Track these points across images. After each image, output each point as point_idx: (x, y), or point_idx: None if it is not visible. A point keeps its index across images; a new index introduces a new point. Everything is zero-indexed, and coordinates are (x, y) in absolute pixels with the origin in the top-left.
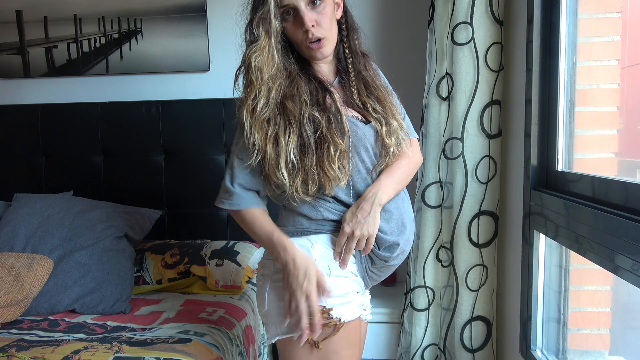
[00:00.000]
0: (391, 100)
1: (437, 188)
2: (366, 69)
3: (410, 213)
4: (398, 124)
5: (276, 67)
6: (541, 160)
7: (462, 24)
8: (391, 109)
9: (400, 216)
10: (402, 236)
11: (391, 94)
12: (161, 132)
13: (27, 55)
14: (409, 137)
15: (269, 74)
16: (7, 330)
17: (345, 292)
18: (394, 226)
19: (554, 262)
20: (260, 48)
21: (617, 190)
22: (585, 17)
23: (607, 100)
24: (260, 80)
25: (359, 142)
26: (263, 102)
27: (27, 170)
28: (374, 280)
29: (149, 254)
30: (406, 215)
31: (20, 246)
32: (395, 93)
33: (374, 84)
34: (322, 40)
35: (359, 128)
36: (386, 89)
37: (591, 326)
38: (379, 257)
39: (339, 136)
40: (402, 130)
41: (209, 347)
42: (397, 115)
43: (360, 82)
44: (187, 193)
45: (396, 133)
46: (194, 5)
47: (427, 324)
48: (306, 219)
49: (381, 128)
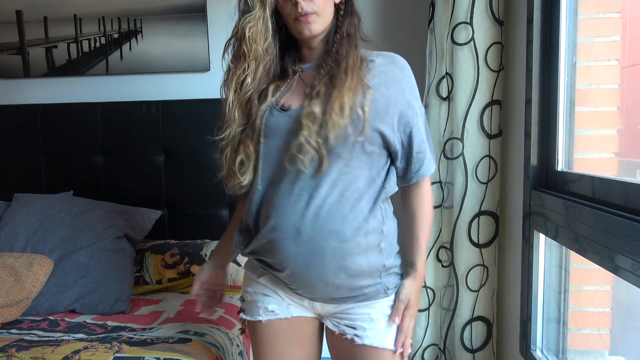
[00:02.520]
0: (350, 86)
1: (437, 188)
2: (347, 53)
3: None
4: (337, 111)
5: (269, 43)
6: (541, 160)
7: (462, 24)
8: (340, 94)
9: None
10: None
11: (363, 85)
12: (161, 132)
13: (27, 55)
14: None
15: (263, 46)
16: (7, 330)
17: (251, 294)
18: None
19: (554, 262)
20: (255, 18)
21: (617, 190)
22: (585, 17)
23: (607, 100)
24: (253, 52)
25: (270, 131)
26: (251, 77)
27: (27, 170)
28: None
29: (149, 254)
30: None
31: (20, 246)
32: (416, 109)
33: (343, 67)
34: (311, 15)
35: (273, 117)
36: (353, 75)
37: (591, 326)
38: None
39: (250, 137)
40: (338, 121)
41: (208, 347)
42: (345, 103)
43: (332, 66)
44: (187, 193)
45: (322, 119)
46: (194, 5)
47: (427, 324)
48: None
49: (303, 110)
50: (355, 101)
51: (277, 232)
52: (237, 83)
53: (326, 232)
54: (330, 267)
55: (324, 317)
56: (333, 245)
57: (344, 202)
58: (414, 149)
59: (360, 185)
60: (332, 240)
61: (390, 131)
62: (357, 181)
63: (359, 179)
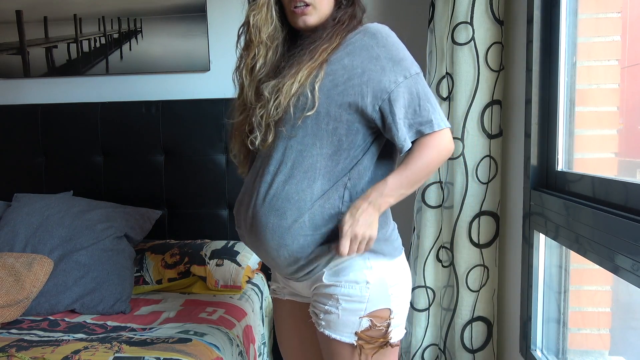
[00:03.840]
0: (309, 65)
1: (438, 188)
2: (325, 35)
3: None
4: (284, 90)
5: (274, 27)
6: (541, 160)
7: (462, 24)
8: (296, 71)
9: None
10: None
11: (318, 63)
12: (161, 132)
13: (27, 55)
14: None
15: (267, 33)
16: (7, 330)
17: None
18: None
19: (554, 262)
20: (259, 6)
21: (617, 190)
22: (585, 17)
23: (607, 100)
24: (258, 38)
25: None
26: (261, 62)
27: (27, 170)
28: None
29: (149, 254)
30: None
31: (20, 246)
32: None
33: (310, 48)
34: (307, 7)
35: (251, 94)
36: (318, 55)
37: (591, 326)
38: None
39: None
40: (286, 98)
41: (209, 347)
42: (291, 82)
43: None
44: (187, 193)
45: (266, 96)
46: (194, 5)
47: (427, 324)
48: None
49: (261, 89)
50: (310, 79)
51: (238, 205)
52: (247, 69)
53: (269, 209)
54: (271, 244)
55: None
56: (273, 222)
57: (291, 181)
58: (397, 115)
59: (317, 164)
60: (272, 217)
61: (361, 101)
62: (311, 159)
63: (316, 157)
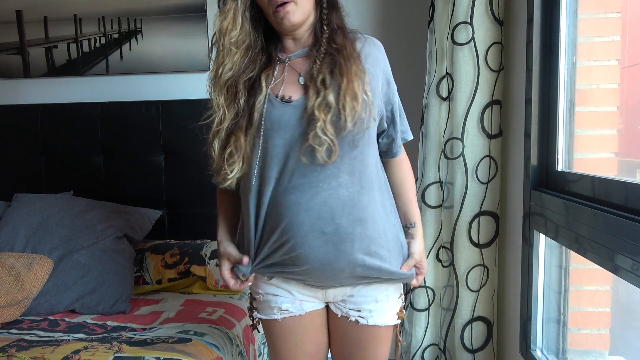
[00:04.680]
0: (355, 73)
1: (437, 188)
2: (344, 43)
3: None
4: (351, 98)
5: (244, 32)
6: (541, 160)
7: (462, 24)
8: (349, 81)
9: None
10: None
11: (362, 70)
12: (161, 132)
13: (27, 55)
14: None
15: (234, 38)
16: (7, 330)
17: (263, 295)
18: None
19: (554, 262)
20: (226, 11)
21: (617, 190)
22: (585, 17)
23: (607, 100)
24: (223, 43)
25: (273, 124)
26: (228, 65)
27: (27, 170)
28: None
29: (149, 254)
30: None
31: (20, 246)
32: (393, 85)
33: (345, 56)
34: (289, 4)
35: (275, 109)
36: (355, 62)
37: (591, 326)
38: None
39: (242, 130)
40: (354, 107)
41: (209, 347)
42: (356, 89)
43: (327, 55)
44: (187, 193)
45: (335, 108)
46: (194, 5)
47: (427, 324)
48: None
49: (314, 100)
50: (361, 87)
51: (297, 228)
52: (216, 72)
53: (352, 220)
54: (357, 253)
55: (331, 302)
56: (360, 232)
57: (363, 192)
58: (397, 124)
59: (372, 172)
60: (358, 227)
61: (382, 109)
62: (369, 168)
63: (370, 166)
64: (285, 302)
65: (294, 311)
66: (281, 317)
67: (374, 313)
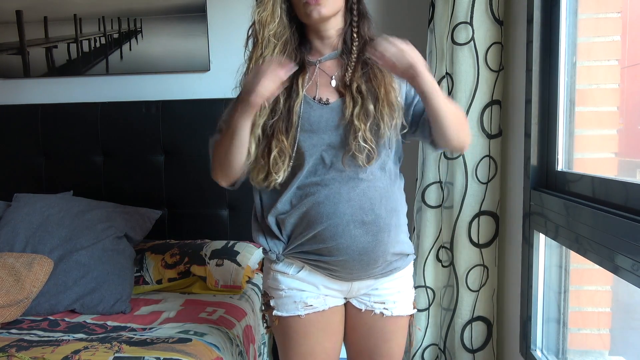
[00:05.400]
0: (391, 83)
1: (437, 188)
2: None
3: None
4: (389, 107)
5: (282, 25)
6: (541, 160)
7: (462, 24)
8: (386, 92)
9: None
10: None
11: (395, 80)
12: (161, 132)
13: (27, 55)
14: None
15: (273, 30)
16: (7, 330)
17: (286, 291)
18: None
19: (554, 262)
20: (264, 3)
21: (617, 190)
22: (585, 17)
23: (607, 100)
24: (263, 35)
25: (312, 126)
26: (268, 58)
27: (27, 170)
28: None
29: (149, 254)
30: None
31: (20, 246)
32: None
33: (376, 66)
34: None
35: (313, 110)
36: (390, 74)
37: (591, 326)
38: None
39: (283, 132)
40: (392, 115)
41: (209, 347)
42: (392, 99)
43: (359, 63)
44: (187, 193)
45: (374, 117)
46: (194, 5)
47: (427, 324)
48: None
49: (352, 108)
50: (396, 96)
51: (339, 218)
52: (258, 61)
53: (389, 210)
54: (392, 242)
55: (351, 297)
56: (395, 222)
57: (392, 184)
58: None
59: (392, 166)
60: (394, 217)
61: (409, 113)
62: (390, 163)
63: (391, 161)
64: (310, 297)
65: (318, 306)
66: (305, 313)
67: (397, 304)
